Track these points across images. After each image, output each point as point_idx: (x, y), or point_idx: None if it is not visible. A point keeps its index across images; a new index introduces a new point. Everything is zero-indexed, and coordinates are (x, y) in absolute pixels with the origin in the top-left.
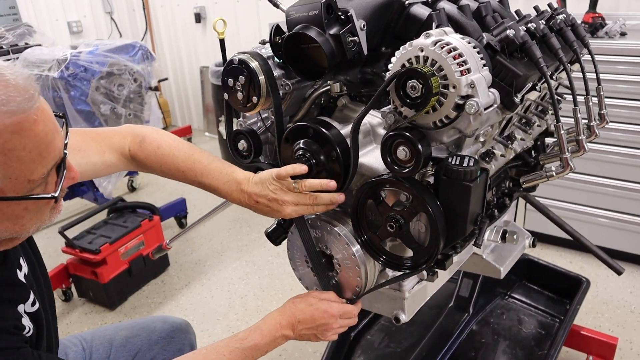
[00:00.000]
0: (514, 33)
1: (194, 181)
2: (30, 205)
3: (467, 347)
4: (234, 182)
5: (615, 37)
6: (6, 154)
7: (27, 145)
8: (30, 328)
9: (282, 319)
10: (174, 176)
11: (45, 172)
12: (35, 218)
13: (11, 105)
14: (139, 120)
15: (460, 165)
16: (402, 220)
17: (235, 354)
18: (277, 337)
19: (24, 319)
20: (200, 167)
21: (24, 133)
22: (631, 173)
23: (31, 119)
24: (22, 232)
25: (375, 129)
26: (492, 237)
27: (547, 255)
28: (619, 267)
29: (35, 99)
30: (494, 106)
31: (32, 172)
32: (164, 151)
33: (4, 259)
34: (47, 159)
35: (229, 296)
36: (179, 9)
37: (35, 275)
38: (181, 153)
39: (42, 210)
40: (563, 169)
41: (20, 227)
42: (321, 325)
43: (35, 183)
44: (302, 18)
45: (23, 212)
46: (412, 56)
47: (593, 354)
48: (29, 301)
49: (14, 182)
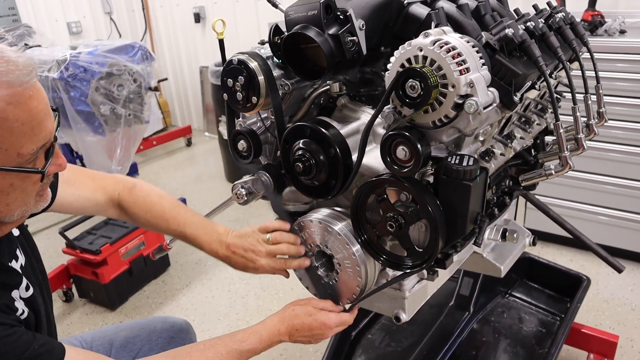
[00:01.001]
0: (513, 32)
1: (176, 230)
2: (17, 182)
3: (467, 346)
4: (214, 233)
5: (615, 35)
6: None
7: (20, 117)
8: (25, 311)
9: (282, 327)
10: (157, 224)
11: (34, 149)
12: (21, 198)
13: (9, 77)
14: (138, 120)
15: (460, 165)
16: (402, 222)
17: (232, 355)
18: (274, 342)
19: (17, 302)
20: (184, 217)
21: (18, 105)
22: (631, 170)
23: (27, 94)
24: (7, 214)
25: (375, 128)
26: (492, 235)
27: (547, 253)
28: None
29: (32, 75)
30: (493, 105)
31: (22, 146)
32: (153, 199)
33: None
34: (37, 137)
35: (230, 296)
36: (178, 9)
37: (32, 267)
38: (168, 203)
39: (27, 191)
40: (562, 167)
41: (5, 206)
42: (317, 335)
43: (24, 158)
44: (301, 18)
45: (9, 188)
46: (411, 56)
47: (594, 352)
48: (22, 286)
49: (3, 153)
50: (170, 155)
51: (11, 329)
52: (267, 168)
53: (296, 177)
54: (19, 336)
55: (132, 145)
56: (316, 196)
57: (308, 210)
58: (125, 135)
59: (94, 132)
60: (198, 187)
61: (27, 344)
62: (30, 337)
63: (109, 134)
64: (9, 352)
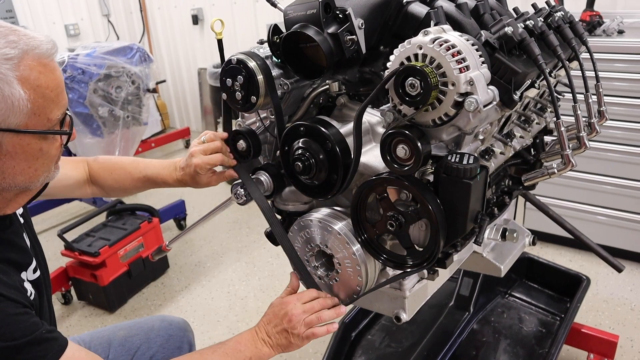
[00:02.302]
0: (512, 30)
1: (140, 178)
2: (45, 146)
3: (468, 346)
4: (171, 164)
5: (613, 35)
6: (35, 89)
7: (50, 84)
8: (33, 293)
9: (255, 326)
10: (123, 180)
11: (59, 115)
12: (46, 164)
13: (41, 49)
14: (137, 122)
15: (460, 163)
16: (403, 220)
17: (217, 354)
18: (256, 340)
19: (26, 284)
20: (143, 164)
21: (49, 74)
22: (630, 170)
23: (53, 65)
24: (34, 180)
25: (375, 127)
26: (492, 235)
27: (547, 253)
28: (619, 264)
29: (55, 49)
30: (493, 103)
31: (50, 111)
32: (113, 159)
33: (10, 223)
34: (61, 103)
35: (229, 297)
36: (176, 10)
37: (35, 249)
38: (126, 159)
39: (51, 156)
40: (564, 166)
41: (33, 172)
42: (284, 317)
43: (52, 123)
44: (300, 17)
45: (38, 153)
46: (411, 54)
47: (594, 352)
48: (30, 267)
49: (37, 118)
50: (168, 157)
51: (23, 309)
52: (266, 168)
53: (296, 177)
54: (30, 317)
55: (131, 147)
56: (316, 196)
57: (308, 210)
58: (123, 137)
59: (93, 134)
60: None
61: (36, 326)
62: (38, 321)
63: (108, 136)
64: (19, 330)
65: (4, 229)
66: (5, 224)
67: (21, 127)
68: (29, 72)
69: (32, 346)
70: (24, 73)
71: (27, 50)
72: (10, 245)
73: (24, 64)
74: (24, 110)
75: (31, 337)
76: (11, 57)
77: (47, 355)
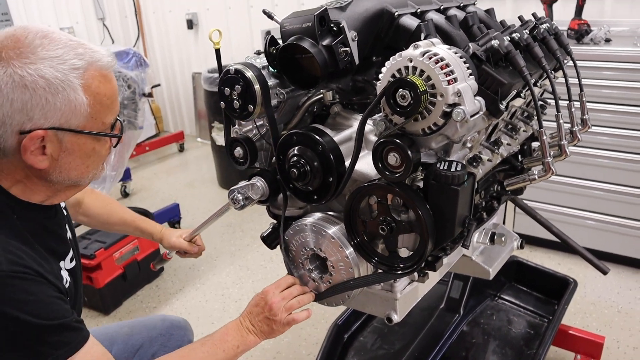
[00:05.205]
0: (499, 43)
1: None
2: (98, 147)
3: (458, 348)
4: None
5: (600, 43)
6: (95, 96)
7: (107, 93)
8: (68, 281)
9: (240, 317)
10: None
11: (112, 120)
12: (95, 163)
13: (103, 61)
14: (132, 126)
15: (448, 170)
16: (394, 227)
17: (206, 346)
18: (241, 329)
19: (63, 272)
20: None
21: (107, 83)
22: (617, 176)
23: (111, 75)
24: (84, 177)
25: (367, 135)
26: (481, 239)
27: (535, 257)
28: (604, 267)
29: (114, 62)
30: (480, 113)
31: (105, 116)
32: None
33: (55, 213)
34: (114, 109)
35: (223, 300)
36: (170, 15)
37: (74, 242)
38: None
39: (101, 156)
40: (545, 173)
41: (85, 168)
42: (265, 306)
43: (105, 126)
44: (296, 29)
45: (91, 152)
46: (402, 66)
47: (581, 352)
48: (68, 257)
49: (93, 121)
50: (162, 161)
51: (59, 294)
52: (262, 173)
53: (291, 183)
54: (64, 303)
55: (126, 150)
56: (310, 201)
57: (302, 214)
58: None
59: None
60: (190, 192)
61: (68, 312)
62: (70, 309)
63: None
64: (54, 312)
65: (49, 218)
66: (52, 213)
67: (80, 128)
68: (92, 81)
69: (61, 331)
70: (87, 82)
71: (92, 62)
72: (53, 234)
73: (88, 74)
74: (84, 114)
75: (63, 320)
76: (78, 67)
77: (71, 342)
